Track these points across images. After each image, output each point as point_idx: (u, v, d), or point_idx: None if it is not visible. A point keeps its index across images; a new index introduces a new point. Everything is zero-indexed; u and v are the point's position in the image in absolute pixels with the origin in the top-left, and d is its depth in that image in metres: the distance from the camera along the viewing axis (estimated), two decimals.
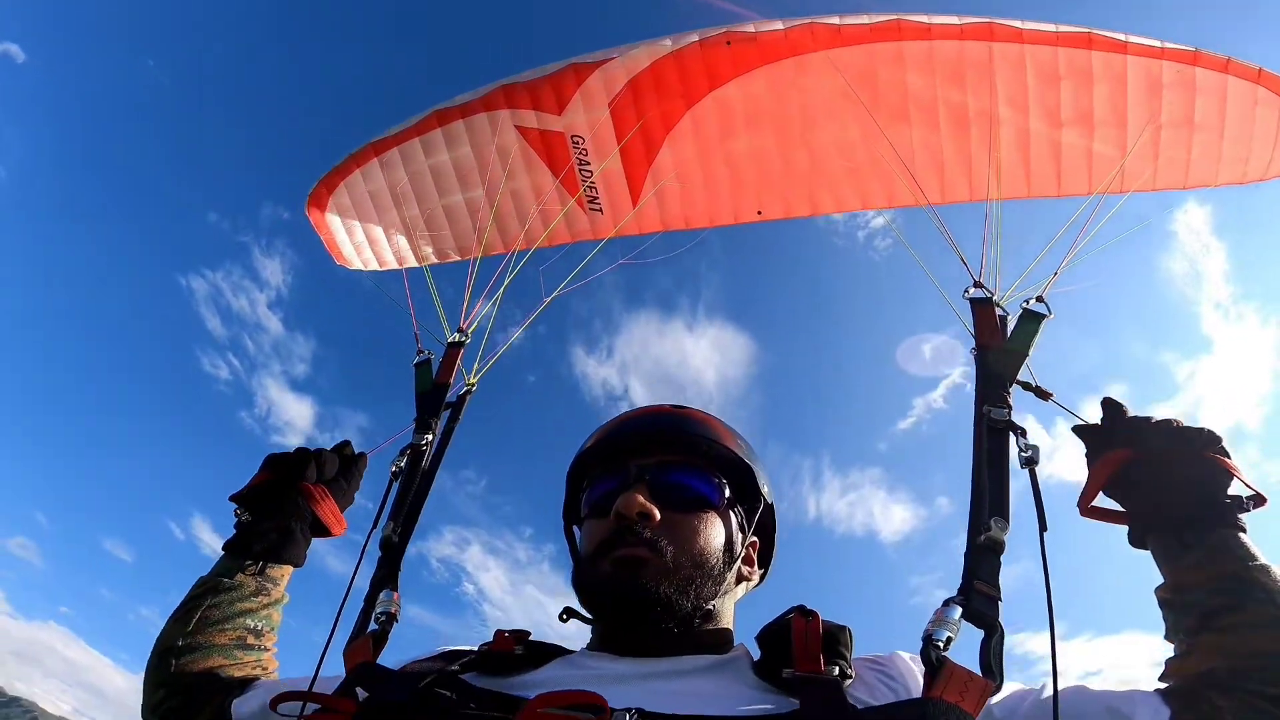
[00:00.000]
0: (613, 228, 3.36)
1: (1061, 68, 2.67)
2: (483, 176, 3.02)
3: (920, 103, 2.90)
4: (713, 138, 3.11)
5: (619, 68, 2.78)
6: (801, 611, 1.12)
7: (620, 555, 1.19)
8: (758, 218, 3.48)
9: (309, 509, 1.54)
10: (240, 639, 1.43)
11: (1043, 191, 3.17)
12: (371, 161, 2.87)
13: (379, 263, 3.26)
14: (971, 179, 3.14)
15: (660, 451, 1.33)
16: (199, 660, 1.38)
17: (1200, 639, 1.15)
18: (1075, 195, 3.15)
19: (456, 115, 2.82)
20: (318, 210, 2.98)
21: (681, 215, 3.43)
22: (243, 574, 1.47)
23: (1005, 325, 1.58)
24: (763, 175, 3.26)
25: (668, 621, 1.16)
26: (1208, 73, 2.53)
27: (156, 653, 1.40)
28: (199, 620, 1.41)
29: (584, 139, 3.02)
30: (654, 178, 3.24)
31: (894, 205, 3.32)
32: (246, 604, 1.45)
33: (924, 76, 2.78)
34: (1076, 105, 2.81)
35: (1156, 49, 2.52)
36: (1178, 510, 1.23)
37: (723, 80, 2.88)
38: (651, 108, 2.95)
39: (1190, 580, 1.19)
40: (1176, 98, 2.64)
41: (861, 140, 3.06)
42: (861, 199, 3.34)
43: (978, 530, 1.21)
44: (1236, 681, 1.07)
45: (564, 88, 2.82)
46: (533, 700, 0.89)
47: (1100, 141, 2.90)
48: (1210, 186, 3.03)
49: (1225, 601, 1.14)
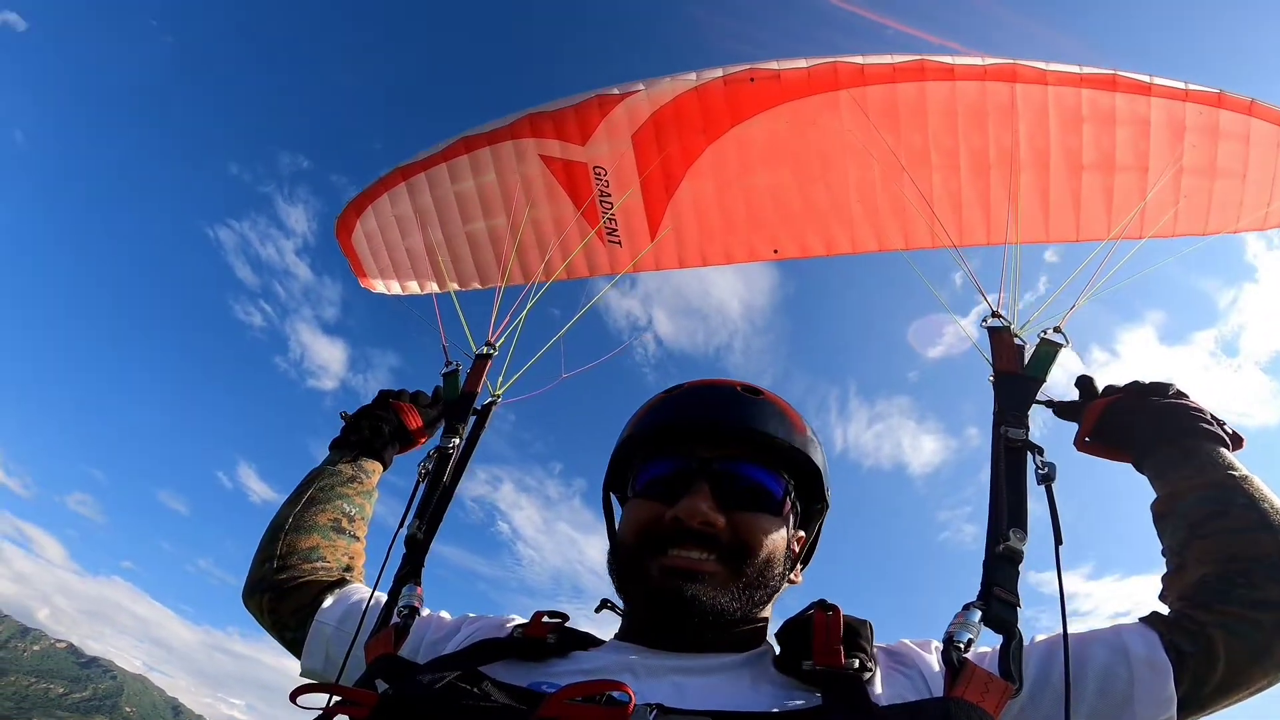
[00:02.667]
0: (629, 261, 3.37)
1: (1085, 109, 2.70)
2: (506, 205, 3.06)
3: (941, 144, 2.93)
4: (732, 174, 3.15)
5: (643, 100, 2.83)
6: (822, 606, 1.12)
7: (676, 563, 1.13)
8: (774, 256, 3.49)
9: (395, 417, 1.87)
10: (336, 521, 1.68)
11: (1061, 237, 3.17)
12: (399, 186, 2.92)
13: (402, 288, 3.29)
14: (989, 222, 3.14)
15: (728, 444, 1.23)
16: (302, 538, 1.61)
17: (1190, 549, 1.28)
18: (1094, 240, 3.15)
19: (483, 142, 2.88)
20: (345, 234, 3.02)
21: (699, 252, 3.45)
22: (342, 463, 1.78)
23: (1022, 353, 1.64)
24: (781, 213, 3.28)
25: (712, 631, 1.14)
26: (1232, 115, 2.54)
27: (270, 530, 1.64)
28: (306, 500, 1.68)
29: (606, 170, 3.06)
30: (673, 212, 3.27)
31: (911, 247, 3.32)
32: (344, 488, 1.73)
33: (946, 118, 2.81)
34: (1099, 149, 2.82)
35: (1180, 91, 2.54)
36: (1163, 430, 1.43)
37: (745, 116, 2.92)
38: (673, 142, 3.00)
39: (1182, 489, 1.35)
40: (1199, 142, 2.65)
41: (881, 181, 3.08)
42: (878, 240, 3.34)
43: (996, 540, 1.25)
44: (1224, 588, 1.19)
45: (588, 118, 2.87)
46: (558, 691, 0.90)
47: (1121, 187, 2.91)
48: (1229, 233, 3.01)
49: (1212, 509, 1.28)
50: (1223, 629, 1.15)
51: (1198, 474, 1.34)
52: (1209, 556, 1.24)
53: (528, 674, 1.10)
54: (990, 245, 3.24)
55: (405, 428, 1.88)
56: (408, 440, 1.91)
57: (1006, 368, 1.61)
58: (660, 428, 1.29)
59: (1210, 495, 1.30)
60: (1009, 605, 1.15)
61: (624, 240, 3.35)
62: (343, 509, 1.70)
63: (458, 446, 1.72)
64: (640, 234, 3.34)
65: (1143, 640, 1.16)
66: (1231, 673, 1.13)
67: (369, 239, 3.06)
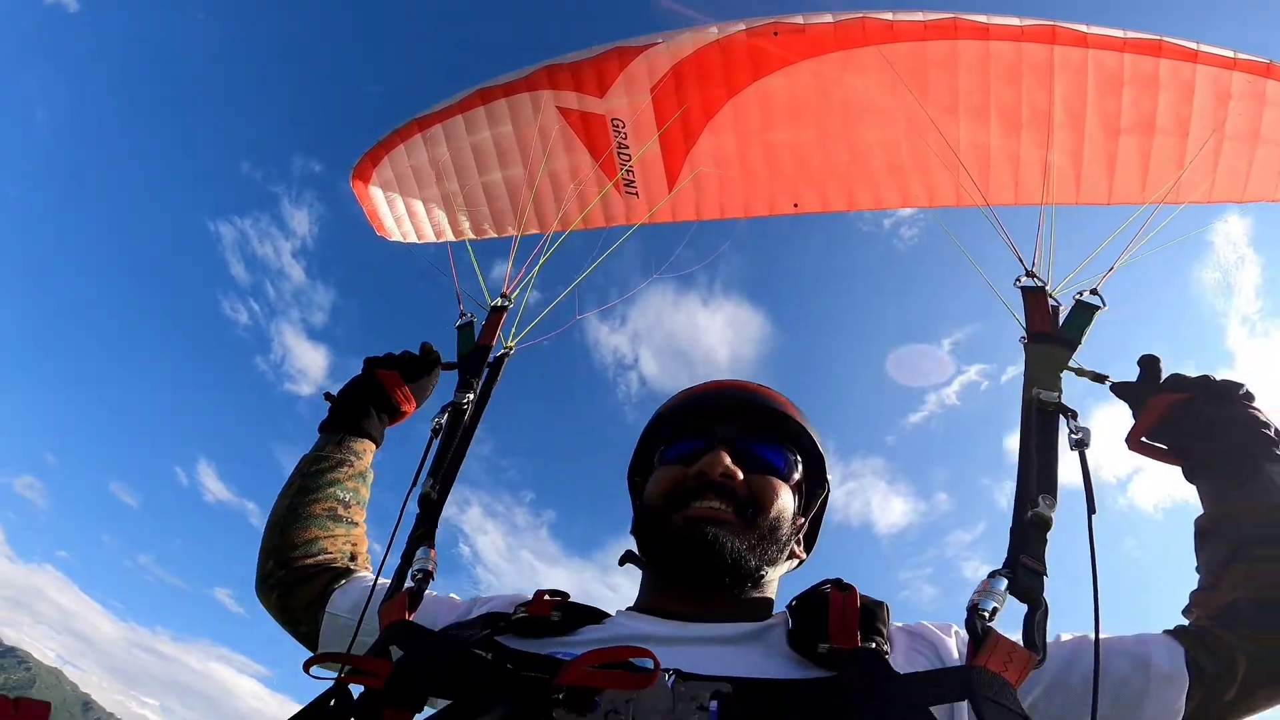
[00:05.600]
0: (647, 213, 3.35)
1: (1126, 73, 2.57)
2: (523, 155, 3.04)
3: (971, 102, 2.82)
4: (753, 128, 3.07)
5: (663, 53, 2.75)
6: (839, 585, 1.11)
7: (699, 512, 1.23)
8: (794, 210, 3.43)
9: (381, 392, 1.78)
10: (331, 509, 1.61)
11: (1093, 199, 3.07)
12: (415, 137, 2.90)
13: (418, 235, 3.31)
14: (1018, 182, 3.05)
15: (744, 422, 1.38)
16: (300, 531, 1.56)
17: (1231, 570, 1.22)
18: (1128, 204, 3.05)
19: (500, 94, 2.83)
20: (361, 182, 3.04)
21: (717, 204, 3.41)
22: (329, 447, 1.69)
23: (1057, 315, 1.58)
24: (801, 168, 3.21)
25: (730, 577, 1.20)
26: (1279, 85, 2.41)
27: (268, 525, 1.60)
28: (298, 490, 1.62)
29: (624, 123, 3.01)
30: (691, 165, 3.21)
31: (935, 204, 3.24)
32: (334, 474, 1.65)
33: (977, 77, 2.69)
34: (1138, 112, 2.70)
35: (1229, 59, 2.40)
36: (1231, 445, 1.31)
37: (767, 71, 2.83)
38: (693, 95, 2.92)
39: (1236, 511, 1.27)
40: (1244, 109, 2.52)
41: (906, 137, 2.99)
42: (901, 196, 3.27)
43: (1025, 506, 1.21)
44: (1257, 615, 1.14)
45: (607, 71, 2.80)
46: (581, 656, 0.87)
47: (1159, 150, 2.79)
48: (1269, 201, 2.90)
49: (1265, 534, 1.21)
50: (1247, 654, 1.13)
51: (1259, 497, 1.26)
52: (1250, 582, 1.19)
53: (542, 645, 1.09)
54: (1018, 205, 3.15)
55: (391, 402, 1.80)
56: (396, 413, 1.84)
57: (1041, 329, 1.55)
58: (685, 407, 1.46)
59: (1267, 522, 1.23)
60: (1035, 574, 1.12)
61: (641, 192, 3.32)
62: (336, 495, 1.63)
63: (471, 401, 1.69)
64: (658, 186, 3.31)
65: (1168, 654, 1.15)
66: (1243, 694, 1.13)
67: (385, 189, 3.07)
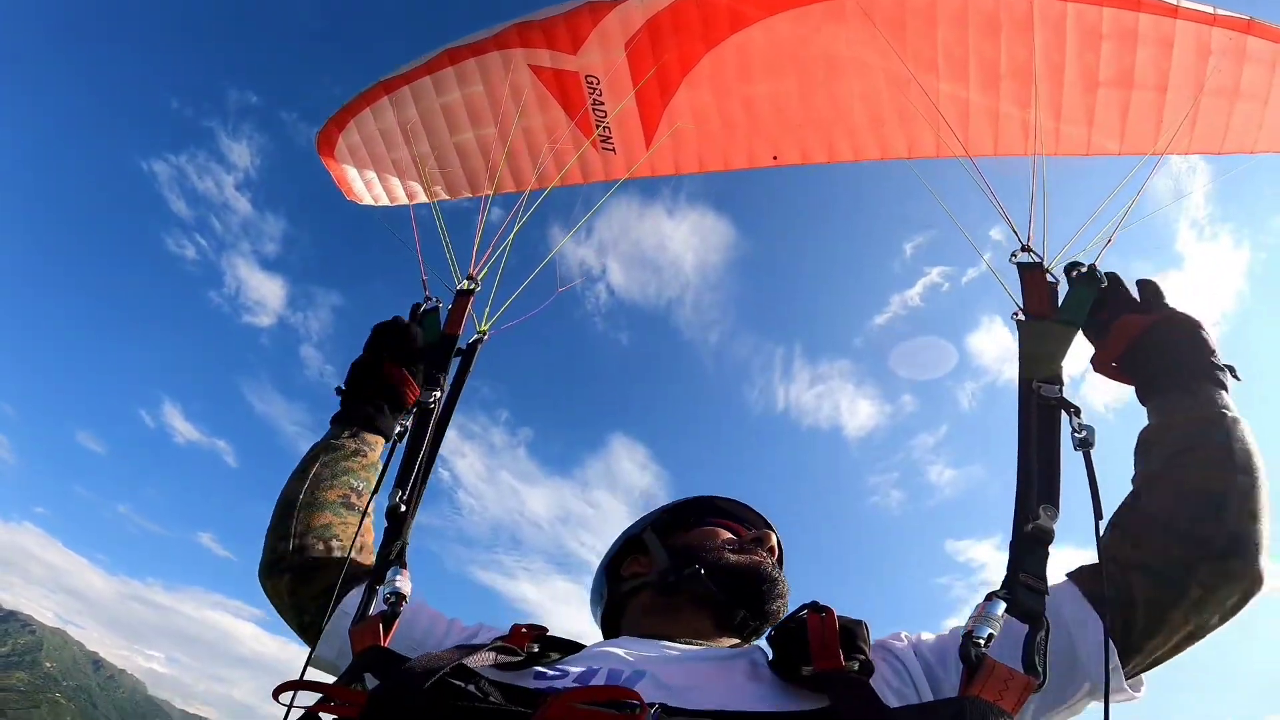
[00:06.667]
0: (626, 169, 3.30)
1: (1105, 27, 2.53)
2: (495, 115, 2.95)
3: (951, 54, 2.77)
4: (731, 81, 3.00)
5: (637, 7, 2.65)
6: (814, 608, 1.09)
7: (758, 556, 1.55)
8: (773, 163, 3.39)
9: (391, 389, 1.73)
10: (345, 496, 1.59)
11: (1073, 150, 3.06)
12: (382, 100, 2.80)
13: (389, 198, 3.25)
14: (998, 133, 3.03)
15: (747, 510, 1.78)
16: (315, 515, 1.53)
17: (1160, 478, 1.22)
18: (1107, 154, 3.05)
19: (468, 54, 2.73)
20: (327, 148, 2.95)
21: (696, 158, 3.36)
22: (344, 435, 1.68)
23: (1055, 294, 1.47)
24: (781, 121, 3.16)
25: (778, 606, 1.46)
26: (1261, 42, 2.39)
27: (281, 506, 1.56)
28: (314, 476, 1.59)
29: (599, 79, 2.92)
30: (669, 119, 3.15)
31: (915, 155, 3.22)
32: (349, 463, 1.64)
33: (957, 29, 2.64)
34: (1118, 65, 2.67)
35: (1209, 15, 2.37)
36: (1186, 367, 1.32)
37: (745, 23, 2.75)
38: (669, 49, 2.83)
39: (1178, 420, 1.27)
40: (1225, 65, 2.51)
41: (886, 89, 2.94)
42: (881, 148, 3.24)
43: (1025, 518, 1.14)
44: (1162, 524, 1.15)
45: (579, 27, 2.71)
46: (564, 694, 0.84)
47: (1137, 104, 2.78)
48: (1247, 153, 2.91)
49: (1189, 443, 1.22)
50: (1141, 570, 1.11)
51: (1197, 407, 1.26)
52: (1168, 489, 1.18)
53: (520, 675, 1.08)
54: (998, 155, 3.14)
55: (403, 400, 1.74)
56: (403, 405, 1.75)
57: (1039, 310, 1.44)
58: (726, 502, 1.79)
59: (1196, 430, 1.23)
60: (1037, 593, 1.07)
61: (619, 148, 3.25)
62: (350, 484, 1.60)
63: (439, 400, 1.59)
64: (635, 141, 3.24)
65: (1070, 599, 1.13)
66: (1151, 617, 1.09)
67: (352, 153, 2.98)
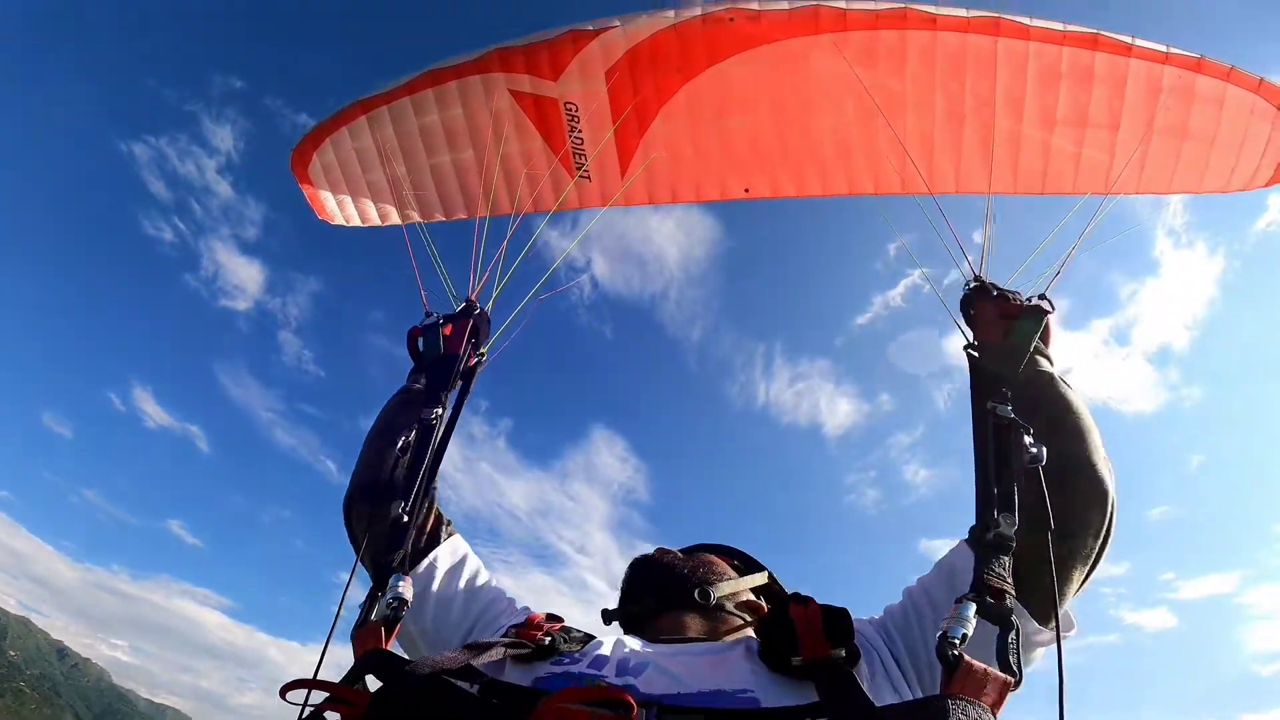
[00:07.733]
0: (599, 196, 3.31)
1: (1063, 66, 2.66)
2: (473, 139, 2.95)
3: (918, 92, 2.87)
4: (707, 114, 3.06)
5: (619, 37, 2.70)
6: (797, 599, 1.14)
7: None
8: (744, 195, 3.45)
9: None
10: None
11: (1029, 189, 3.18)
12: (359, 119, 2.78)
13: (362, 219, 3.19)
14: (959, 171, 3.14)
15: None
16: None
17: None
18: (1060, 194, 3.17)
19: (450, 76, 2.74)
20: (301, 167, 2.90)
21: (669, 189, 3.39)
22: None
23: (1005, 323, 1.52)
24: (754, 154, 3.22)
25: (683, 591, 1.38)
26: (1209, 80, 2.54)
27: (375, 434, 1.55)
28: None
29: (578, 106, 2.95)
30: (645, 150, 3.18)
31: (880, 192, 3.31)
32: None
33: (925, 67, 2.75)
34: (1074, 106, 2.80)
35: (1160, 54, 2.51)
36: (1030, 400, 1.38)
37: (722, 57, 2.82)
38: (648, 80, 2.89)
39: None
40: (1174, 104, 2.65)
41: (856, 125, 3.03)
42: (849, 183, 3.32)
43: (986, 528, 1.21)
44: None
45: (561, 54, 2.74)
46: (556, 694, 0.88)
47: (1090, 144, 2.90)
48: (1193, 193, 3.07)
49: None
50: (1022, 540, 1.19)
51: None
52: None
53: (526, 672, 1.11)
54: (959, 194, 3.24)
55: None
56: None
57: (989, 337, 1.50)
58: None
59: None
60: (1001, 594, 1.12)
61: (595, 176, 3.27)
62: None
63: (441, 417, 1.57)
64: (611, 170, 3.27)
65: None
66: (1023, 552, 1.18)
67: (327, 172, 2.94)
